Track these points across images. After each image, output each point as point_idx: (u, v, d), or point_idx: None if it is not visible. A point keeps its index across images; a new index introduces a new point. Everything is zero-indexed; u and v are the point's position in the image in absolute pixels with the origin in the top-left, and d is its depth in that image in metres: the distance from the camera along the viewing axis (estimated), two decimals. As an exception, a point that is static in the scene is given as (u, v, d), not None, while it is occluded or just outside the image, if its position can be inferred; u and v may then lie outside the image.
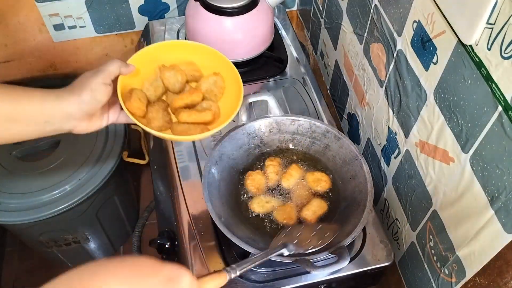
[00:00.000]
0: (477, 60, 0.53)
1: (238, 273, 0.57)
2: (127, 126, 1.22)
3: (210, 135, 0.70)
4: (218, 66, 0.75)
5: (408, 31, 0.68)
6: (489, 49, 0.50)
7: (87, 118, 0.64)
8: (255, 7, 0.98)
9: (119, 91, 0.66)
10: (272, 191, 0.80)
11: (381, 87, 0.81)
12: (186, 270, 0.49)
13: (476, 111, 0.55)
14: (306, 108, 0.98)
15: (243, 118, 0.84)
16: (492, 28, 0.49)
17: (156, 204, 1.17)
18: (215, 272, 0.56)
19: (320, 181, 0.80)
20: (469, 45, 0.54)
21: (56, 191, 1.07)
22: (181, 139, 0.70)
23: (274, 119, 0.84)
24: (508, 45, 0.47)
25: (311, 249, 0.67)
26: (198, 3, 0.97)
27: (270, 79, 1.04)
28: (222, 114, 0.74)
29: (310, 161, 0.84)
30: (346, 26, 0.94)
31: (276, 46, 1.09)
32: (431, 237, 0.72)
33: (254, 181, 0.80)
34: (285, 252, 0.66)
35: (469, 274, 0.62)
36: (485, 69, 0.52)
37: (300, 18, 1.31)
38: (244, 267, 0.58)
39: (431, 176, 0.69)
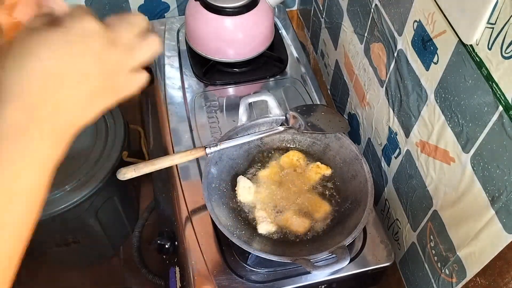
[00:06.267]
0: (478, 60, 0.53)
1: (218, 147, 0.64)
2: (127, 126, 1.22)
3: None
4: None
5: (409, 31, 0.68)
6: (489, 49, 0.50)
7: None
8: (255, 7, 0.98)
9: None
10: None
11: (382, 87, 0.81)
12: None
13: (476, 111, 0.55)
14: (306, 108, 0.98)
15: (243, 118, 0.83)
16: (492, 28, 0.49)
17: (156, 204, 1.17)
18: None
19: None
20: (469, 45, 0.54)
21: (56, 191, 1.07)
22: None
23: (274, 119, 0.84)
24: (509, 45, 0.47)
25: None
26: (198, 2, 0.97)
27: (270, 79, 1.04)
28: None
29: (310, 161, 0.84)
30: (347, 25, 0.94)
31: (276, 46, 1.09)
32: (431, 237, 0.71)
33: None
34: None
35: (470, 274, 0.62)
36: (486, 69, 0.52)
37: (301, 17, 1.31)
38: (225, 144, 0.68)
39: (431, 176, 0.69)
